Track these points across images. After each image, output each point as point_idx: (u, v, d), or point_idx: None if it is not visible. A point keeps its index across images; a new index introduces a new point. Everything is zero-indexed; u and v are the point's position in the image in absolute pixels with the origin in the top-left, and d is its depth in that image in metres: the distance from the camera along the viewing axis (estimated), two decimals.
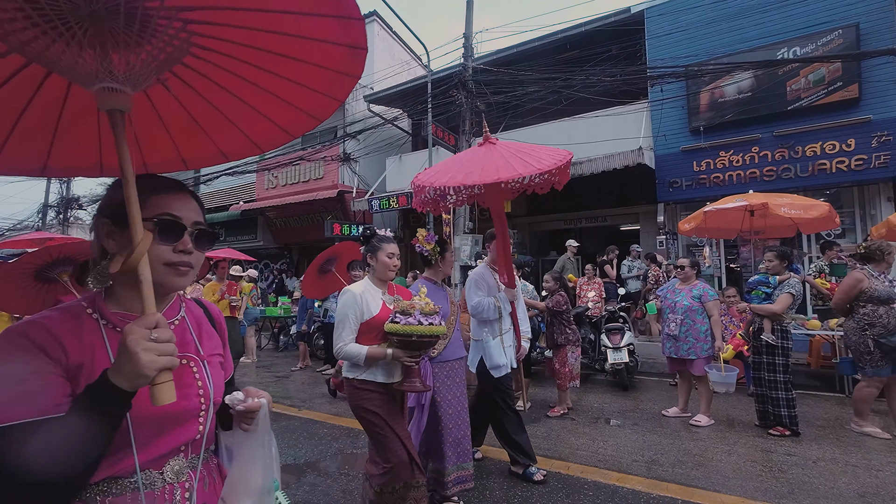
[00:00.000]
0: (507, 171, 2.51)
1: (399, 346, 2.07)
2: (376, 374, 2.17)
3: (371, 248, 2.32)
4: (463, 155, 3.13)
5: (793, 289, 3.91)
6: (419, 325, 1.99)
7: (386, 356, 2.10)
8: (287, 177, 13.14)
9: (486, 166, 2.61)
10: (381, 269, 2.30)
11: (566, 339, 4.63)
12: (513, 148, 2.86)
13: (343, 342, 2.12)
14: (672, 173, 8.63)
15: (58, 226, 18.82)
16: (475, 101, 9.23)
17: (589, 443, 3.76)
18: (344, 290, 2.23)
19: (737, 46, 7.96)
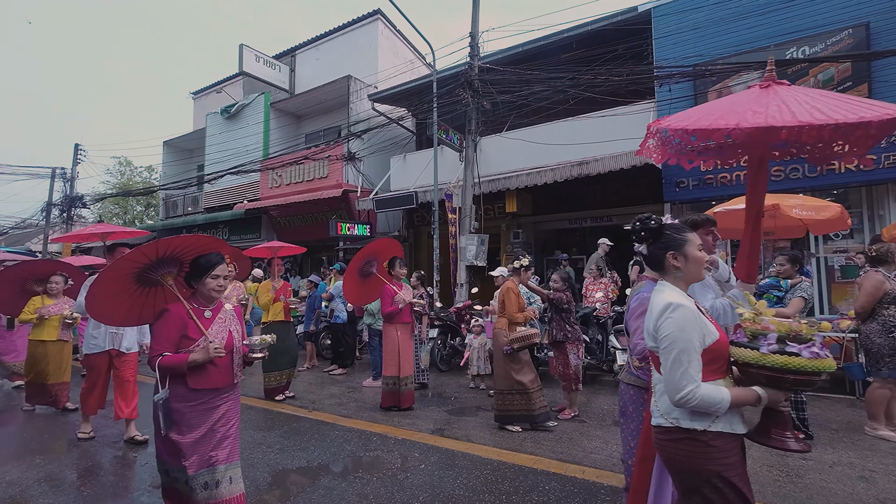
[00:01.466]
0: (800, 116, 1.66)
1: (770, 385, 1.46)
2: (733, 421, 1.51)
3: (673, 243, 1.67)
4: (729, 98, 2.27)
5: (805, 293, 3.89)
6: (819, 360, 1.39)
7: (760, 400, 1.47)
8: (291, 176, 13.12)
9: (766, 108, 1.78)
10: (694, 268, 1.65)
11: (564, 336, 4.62)
12: (806, 94, 1.92)
13: (693, 382, 1.43)
14: (679, 173, 8.58)
15: (61, 224, 18.81)
16: (481, 101, 9.20)
17: (602, 446, 3.75)
18: (669, 304, 1.52)
19: (745, 46, 7.92)
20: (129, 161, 28.34)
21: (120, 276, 2.25)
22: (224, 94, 16.64)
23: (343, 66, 13.55)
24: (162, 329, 2.15)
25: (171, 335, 2.15)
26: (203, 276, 2.24)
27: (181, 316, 2.18)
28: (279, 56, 15.47)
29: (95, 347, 3.92)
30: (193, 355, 2.12)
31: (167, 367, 2.10)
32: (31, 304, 4.85)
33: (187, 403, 2.16)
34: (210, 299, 2.28)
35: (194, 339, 2.17)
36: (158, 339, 2.13)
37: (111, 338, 3.94)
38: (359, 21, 14.12)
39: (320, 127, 14.36)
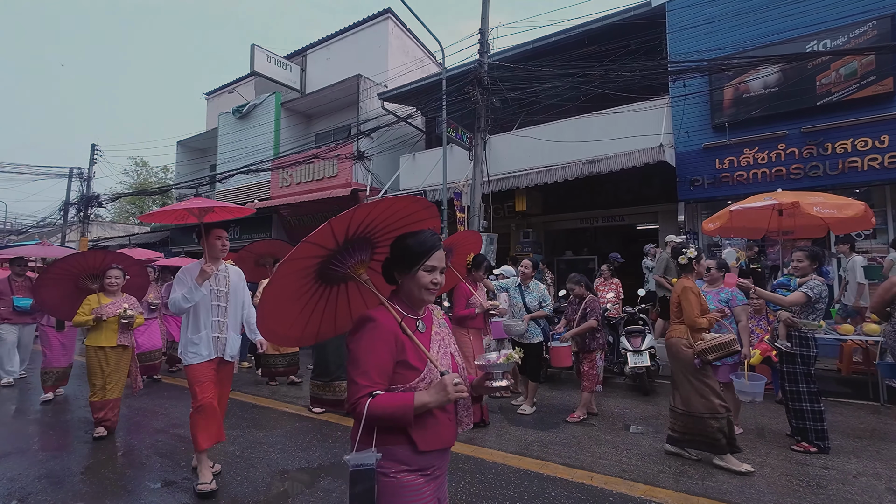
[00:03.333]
0: None
1: None
2: None
3: None
4: None
5: (811, 290, 3.70)
6: None
7: None
8: (301, 175, 13.15)
9: None
10: None
11: (598, 345, 4.54)
12: None
13: None
14: (693, 171, 8.38)
15: (78, 223, 19.17)
16: (491, 98, 9.08)
17: (612, 451, 3.62)
18: None
19: (763, 39, 7.69)
20: (145, 161, 28.84)
21: (299, 272, 1.44)
22: (236, 95, 16.78)
23: (353, 65, 13.55)
24: (369, 350, 1.32)
25: (385, 361, 1.33)
26: (414, 266, 1.41)
27: (394, 331, 1.36)
28: (290, 56, 15.54)
29: (196, 357, 3.09)
30: (423, 396, 1.31)
31: (383, 415, 1.27)
32: (86, 303, 4.14)
33: (408, 475, 1.34)
34: (419, 303, 1.47)
35: (417, 368, 1.36)
36: (364, 368, 1.31)
37: (214, 343, 3.16)
38: (369, 20, 14.11)
39: (330, 126, 14.38)
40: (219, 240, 3.17)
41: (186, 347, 3.11)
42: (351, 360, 1.33)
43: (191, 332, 3.12)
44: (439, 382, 1.31)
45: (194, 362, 3.09)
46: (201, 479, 3.01)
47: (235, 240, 14.78)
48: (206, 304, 3.11)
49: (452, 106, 9.60)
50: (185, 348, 3.12)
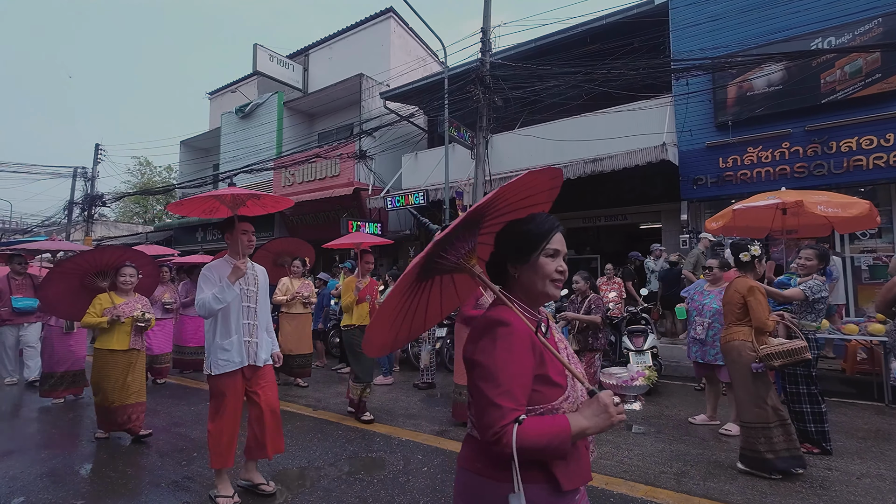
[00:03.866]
0: None
1: None
2: None
3: None
4: None
5: (808, 289, 3.67)
6: None
7: None
8: (304, 174, 13.17)
9: None
10: None
11: (600, 345, 4.52)
12: None
13: None
14: (696, 170, 8.34)
15: (82, 222, 19.26)
16: (493, 97, 9.06)
17: (613, 451, 3.60)
18: None
19: (767, 37, 7.63)
20: (149, 161, 28.94)
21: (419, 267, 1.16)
22: (239, 94, 16.81)
23: (355, 64, 13.55)
24: (507, 362, 1.02)
25: (526, 376, 1.04)
26: (534, 252, 1.14)
27: (531, 337, 1.07)
28: (293, 55, 15.55)
29: (228, 364, 2.75)
30: (580, 420, 1.02)
31: (534, 447, 0.97)
32: (97, 303, 3.82)
33: None
34: (541, 299, 1.18)
35: (559, 384, 1.07)
36: (506, 385, 1.00)
37: (246, 348, 2.82)
38: (371, 19, 14.11)
39: (333, 125, 14.40)
40: (245, 234, 2.88)
41: (215, 354, 2.76)
42: (482, 375, 1.03)
43: (220, 337, 2.76)
44: (596, 403, 1.03)
45: (225, 370, 2.74)
46: (221, 491, 2.78)
47: None
48: (236, 305, 2.80)
49: (455, 105, 9.58)
50: (213, 355, 2.76)
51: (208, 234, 15.85)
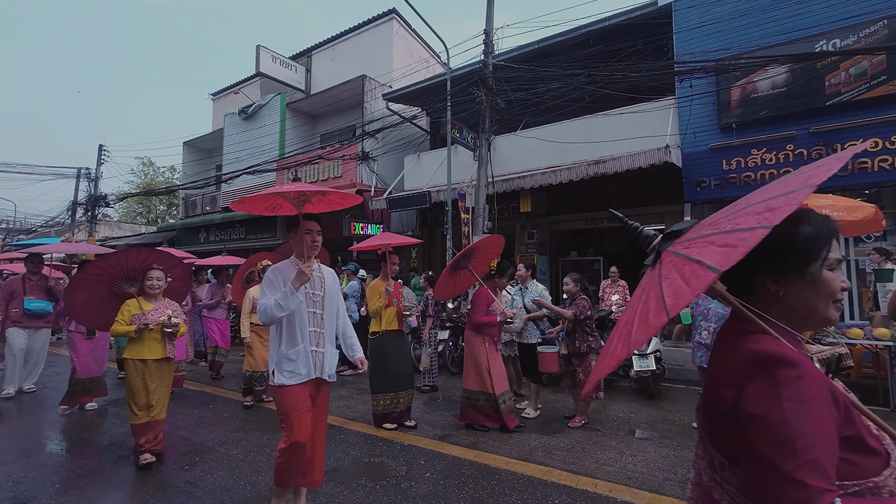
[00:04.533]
0: None
1: None
2: None
3: None
4: None
5: None
6: None
7: None
8: (306, 175, 13.18)
9: None
10: None
11: (589, 348, 4.43)
12: None
13: None
14: (700, 172, 8.30)
15: (86, 223, 19.33)
16: (495, 99, 9.05)
17: (616, 457, 3.58)
18: None
19: (771, 39, 7.59)
20: (152, 161, 29.04)
21: None
22: (242, 95, 16.84)
23: (358, 65, 13.55)
24: (803, 417, 0.72)
25: (833, 440, 0.74)
26: (813, 265, 0.87)
27: (828, 385, 0.79)
28: (295, 57, 15.57)
29: (294, 376, 2.53)
30: None
31: None
32: (125, 309, 3.53)
33: None
34: (815, 325, 0.94)
35: (877, 451, 0.80)
36: (810, 454, 0.70)
37: (313, 358, 2.58)
38: (374, 21, 14.11)
39: (335, 126, 14.40)
40: (309, 234, 2.60)
41: (280, 365, 2.53)
42: (767, 438, 0.73)
43: (285, 346, 2.55)
44: None
45: (291, 383, 2.51)
46: None
47: (241, 240, 14.86)
48: (301, 311, 2.57)
49: (457, 106, 9.57)
50: (278, 366, 2.54)
51: (210, 234, 15.88)
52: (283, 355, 2.53)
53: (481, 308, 4.27)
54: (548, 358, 4.57)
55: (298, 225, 2.60)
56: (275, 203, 2.78)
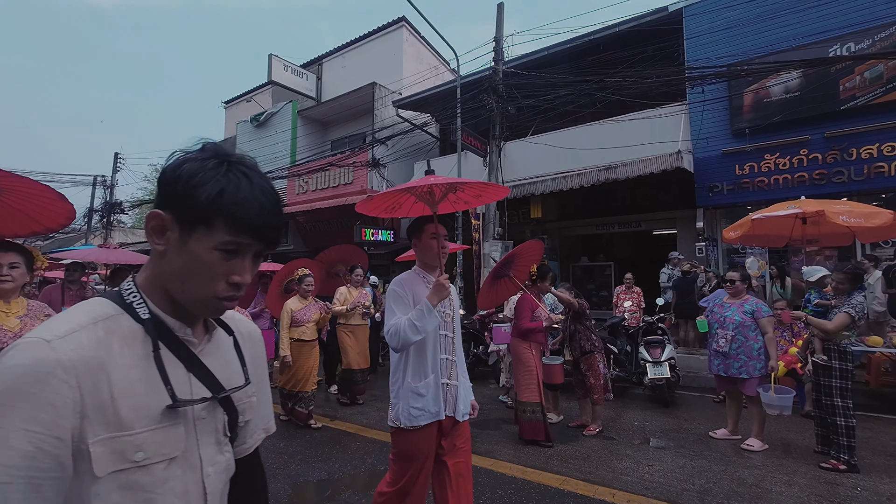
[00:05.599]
0: None
1: None
2: None
3: None
4: None
5: (853, 309, 3.59)
6: None
7: None
8: (317, 182, 13.30)
9: None
10: None
11: (593, 346, 4.42)
12: None
13: None
14: (712, 177, 8.26)
15: (102, 229, 19.68)
16: (506, 106, 9.09)
17: (633, 466, 3.57)
18: None
19: (784, 44, 7.56)
20: None
21: None
22: (254, 103, 17.08)
23: (368, 73, 13.69)
24: None
25: None
26: None
27: None
28: (307, 65, 15.76)
29: (423, 415, 2.01)
30: None
31: None
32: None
33: None
34: None
35: None
36: None
37: (444, 393, 2.07)
38: (384, 28, 14.25)
39: (346, 133, 14.54)
40: (435, 239, 2.12)
41: (406, 400, 2.02)
42: None
43: (413, 377, 2.04)
44: None
45: (420, 423, 1.99)
46: None
47: None
48: (433, 334, 2.07)
49: (467, 113, 9.62)
50: (403, 401, 2.03)
51: None
52: (410, 388, 2.02)
53: (526, 314, 4.11)
54: (553, 370, 4.56)
55: (421, 229, 2.17)
56: (395, 202, 2.44)
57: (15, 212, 2.44)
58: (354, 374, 5.40)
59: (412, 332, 1.93)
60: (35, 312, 2.21)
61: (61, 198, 2.29)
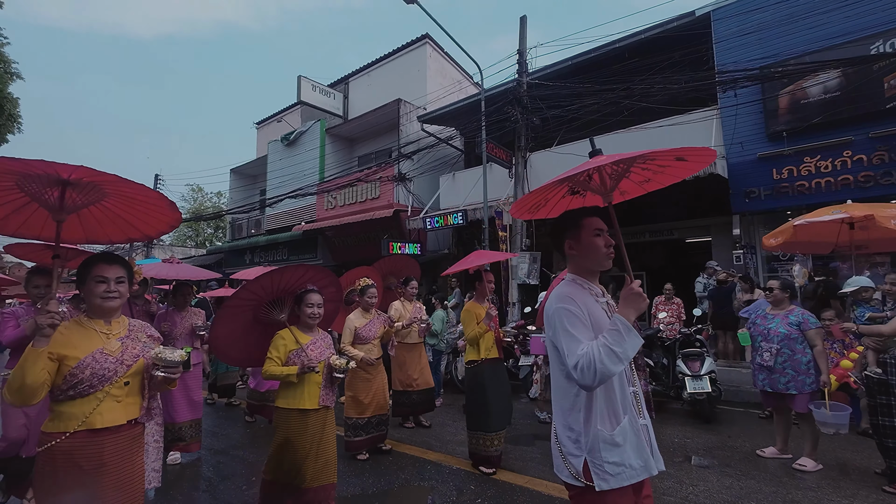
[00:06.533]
0: None
1: None
2: None
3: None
4: None
5: None
6: None
7: None
8: (345, 197, 13.59)
9: None
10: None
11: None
12: None
13: None
14: (748, 182, 7.98)
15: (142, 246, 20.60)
16: (531, 117, 9.09)
17: (676, 486, 3.42)
18: None
19: (818, 44, 7.29)
20: (201, 187, 30.73)
21: None
22: (284, 123, 17.68)
23: (393, 89, 13.99)
24: None
25: None
26: None
27: None
28: (334, 84, 16.25)
29: (624, 472, 1.48)
30: None
31: None
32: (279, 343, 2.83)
33: None
34: None
35: None
36: None
37: (644, 438, 1.56)
38: (408, 46, 14.57)
39: (372, 149, 14.84)
40: (600, 236, 1.67)
41: (599, 453, 1.48)
42: None
43: (603, 423, 1.51)
44: None
45: (619, 485, 1.47)
46: None
47: (283, 261, 15.39)
48: None
49: (492, 125, 9.67)
50: (594, 454, 1.48)
51: (256, 256, 16.55)
52: (601, 438, 1.49)
53: None
54: None
55: (578, 226, 1.68)
56: (542, 199, 1.94)
57: (115, 217, 2.21)
58: (410, 396, 4.94)
59: (612, 361, 1.40)
60: (136, 333, 1.95)
61: (171, 207, 2.08)
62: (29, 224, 2.14)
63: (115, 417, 1.80)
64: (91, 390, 1.75)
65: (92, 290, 1.82)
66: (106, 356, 1.80)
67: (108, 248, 17.89)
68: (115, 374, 1.81)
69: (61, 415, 1.74)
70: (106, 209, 2.14)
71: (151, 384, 1.92)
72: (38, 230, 2.19)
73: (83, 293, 1.86)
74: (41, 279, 3.15)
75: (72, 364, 1.72)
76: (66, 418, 1.73)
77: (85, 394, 1.75)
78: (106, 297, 1.83)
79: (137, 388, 1.89)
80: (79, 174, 1.72)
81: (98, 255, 1.88)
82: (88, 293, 1.83)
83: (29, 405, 1.70)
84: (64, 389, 1.73)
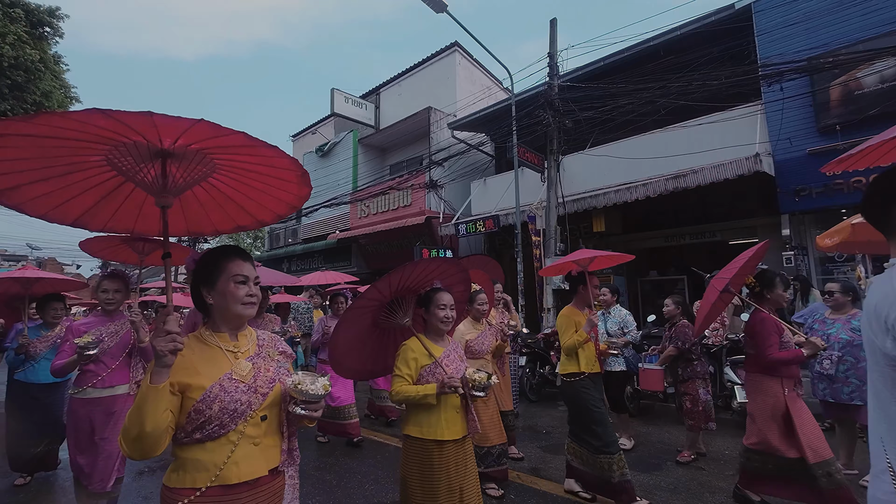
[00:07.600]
0: None
1: None
2: None
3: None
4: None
5: None
6: None
7: None
8: (378, 205, 13.80)
9: None
10: None
11: (693, 373, 4.15)
12: None
13: None
14: (798, 180, 7.56)
15: None
16: (563, 120, 8.98)
17: (726, 501, 3.24)
18: None
19: (871, 31, 6.86)
20: None
21: None
22: (318, 135, 18.20)
23: (424, 98, 14.16)
24: None
25: None
26: None
27: None
28: (365, 95, 16.61)
29: None
30: None
31: None
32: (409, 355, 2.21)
33: None
34: None
35: None
36: None
37: None
38: (437, 55, 14.73)
39: (404, 157, 15.05)
40: None
41: None
42: None
43: None
44: None
45: None
46: None
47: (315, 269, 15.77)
48: None
49: (523, 130, 9.61)
50: None
51: (293, 264, 17.03)
52: None
53: (773, 340, 2.91)
54: (651, 375, 4.29)
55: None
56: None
57: (223, 200, 1.71)
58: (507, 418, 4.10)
59: None
60: (267, 349, 1.50)
61: (303, 178, 1.62)
62: (120, 215, 1.67)
63: (255, 468, 1.35)
64: (222, 431, 1.31)
65: (232, 293, 1.38)
66: (236, 384, 1.35)
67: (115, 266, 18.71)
68: (250, 408, 1.35)
69: (188, 464, 1.30)
70: (212, 188, 1.63)
71: (290, 419, 1.46)
72: (132, 222, 1.74)
73: (211, 297, 1.40)
74: (112, 283, 2.79)
75: (196, 396, 1.28)
76: (194, 469, 1.29)
77: (215, 436, 1.30)
78: (248, 302, 1.41)
79: (276, 423, 1.44)
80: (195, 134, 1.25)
81: (230, 249, 1.45)
82: (223, 297, 1.39)
83: (150, 457, 1.23)
84: (189, 431, 1.29)
